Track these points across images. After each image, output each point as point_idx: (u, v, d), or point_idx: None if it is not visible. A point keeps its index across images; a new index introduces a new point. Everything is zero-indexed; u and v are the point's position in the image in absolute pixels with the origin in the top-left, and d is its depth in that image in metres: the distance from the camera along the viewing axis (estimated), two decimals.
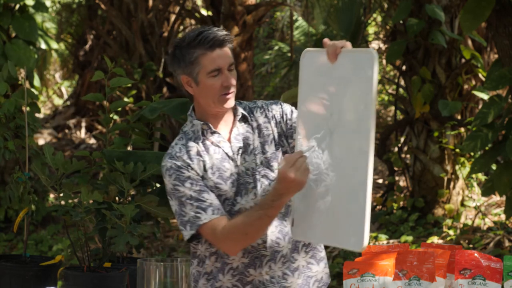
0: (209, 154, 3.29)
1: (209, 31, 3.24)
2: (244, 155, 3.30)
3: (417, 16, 8.80)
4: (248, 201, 3.28)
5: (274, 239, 3.28)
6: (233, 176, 3.28)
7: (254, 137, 3.32)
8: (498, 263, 3.90)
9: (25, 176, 4.61)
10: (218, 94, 3.25)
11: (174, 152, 3.30)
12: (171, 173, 3.28)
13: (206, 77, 3.25)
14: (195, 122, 3.33)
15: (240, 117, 3.33)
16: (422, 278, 3.93)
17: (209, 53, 3.23)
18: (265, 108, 3.36)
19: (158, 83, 11.54)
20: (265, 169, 3.29)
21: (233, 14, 10.61)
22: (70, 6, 14.68)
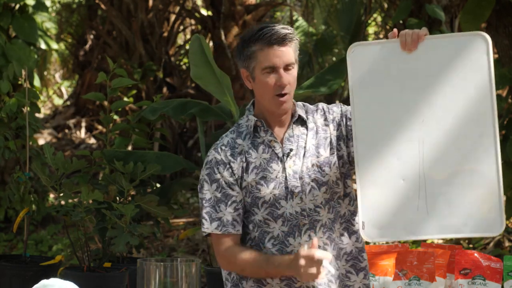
0: (257, 153, 3.21)
1: (272, 27, 3.16)
2: (295, 158, 3.20)
3: (417, 16, 8.79)
4: (293, 205, 3.18)
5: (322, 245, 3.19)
6: (278, 178, 3.19)
7: (309, 140, 3.22)
8: (498, 263, 3.90)
9: (25, 176, 4.61)
10: (272, 94, 3.16)
11: (221, 144, 3.24)
12: (208, 167, 3.24)
13: (261, 73, 3.16)
14: (250, 117, 3.24)
15: (296, 119, 3.23)
16: (422, 278, 3.93)
17: (266, 49, 3.15)
18: (325, 110, 3.26)
19: (158, 83, 11.53)
20: (315, 173, 3.19)
21: (233, 14, 10.60)
22: (70, 6, 14.67)
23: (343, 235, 3.24)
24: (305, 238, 3.16)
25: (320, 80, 4.70)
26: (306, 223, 3.18)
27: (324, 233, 3.19)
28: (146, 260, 3.26)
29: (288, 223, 3.17)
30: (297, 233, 3.17)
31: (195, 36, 4.66)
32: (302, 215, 3.17)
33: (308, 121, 3.24)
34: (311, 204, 3.18)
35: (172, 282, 3.18)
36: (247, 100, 10.59)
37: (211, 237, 3.25)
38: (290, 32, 3.16)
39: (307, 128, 3.23)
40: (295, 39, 3.18)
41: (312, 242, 3.04)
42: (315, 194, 3.18)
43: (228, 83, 4.62)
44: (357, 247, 3.26)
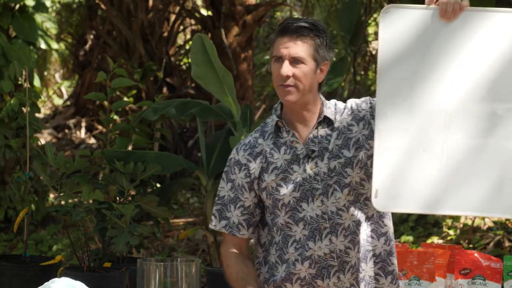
0: (279, 153, 3.17)
1: (293, 19, 3.14)
2: (317, 159, 3.13)
3: None
4: (314, 208, 3.12)
5: (343, 248, 3.15)
6: (298, 180, 3.13)
7: (333, 141, 3.15)
8: (498, 263, 3.90)
9: (25, 176, 4.61)
10: (277, 83, 3.13)
11: (243, 143, 3.22)
12: (227, 165, 3.23)
13: (272, 61, 3.15)
14: (273, 117, 3.20)
15: (322, 119, 3.17)
16: (422, 278, 3.93)
17: (278, 39, 3.12)
18: (354, 109, 3.19)
19: (158, 83, 11.53)
20: (337, 175, 3.12)
21: (233, 14, 10.60)
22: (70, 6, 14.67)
23: (371, 237, 3.18)
24: (326, 242, 3.11)
25: None
26: (327, 226, 3.12)
27: (346, 237, 3.13)
28: (146, 260, 3.26)
29: (308, 226, 3.12)
30: (318, 236, 3.12)
31: (197, 35, 4.67)
32: (323, 218, 3.12)
33: (335, 121, 3.17)
34: (333, 207, 3.11)
35: (172, 282, 3.18)
36: (247, 100, 10.59)
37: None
38: (307, 27, 3.11)
39: (333, 130, 3.16)
40: (314, 36, 3.12)
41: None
42: (338, 197, 3.11)
43: (230, 82, 4.62)
44: (386, 250, 3.20)
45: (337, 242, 3.12)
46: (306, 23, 3.12)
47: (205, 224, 4.74)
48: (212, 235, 4.69)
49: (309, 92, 3.14)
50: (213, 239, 4.68)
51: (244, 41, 10.71)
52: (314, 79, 3.14)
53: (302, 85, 3.11)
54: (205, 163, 4.73)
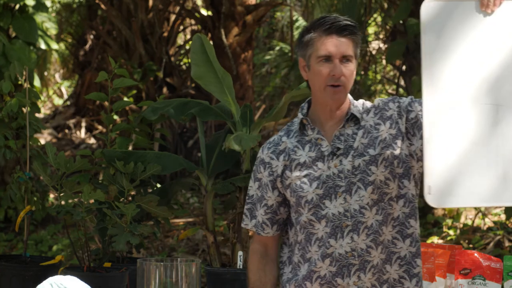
0: (304, 151, 3.14)
1: (335, 17, 3.08)
2: (342, 157, 3.09)
3: (417, 16, 8.77)
4: (337, 206, 3.09)
5: (365, 247, 3.10)
6: (322, 177, 3.10)
7: (359, 139, 3.11)
8: (498, 263, 3.90)
9: (26, 176, 4.61)
10: (325, 83, 3.07)
11: (268, 142, 3.23)
12: (255, 163, 3.25)
13: (316, 61, 3.08)
14: (299, 115, 3.18)
15: (350, 117, 3.14)
16: (422, 278, 3.93)
17: (323, 37, 3.06)
18: (381, 108, 3.14)
19: (158, 83, 11.53)
20: (362, 173, 3.08)
21: (233, 14, 10.60)
22: (70, 6, 14.67)
23: (396, 239, 3.13)
24: (347, 240, 3.08)
25: None
26: (349, 224, 3.08)
27: (368, 236, 3.09)
28: (146, 260, 3.26)
29: (330, 224, 3.09)
30: (339, 234, 3.08)
31: (197, 35, 4.67)
32: (345, 216, 3.08)
33: (362, 120, 3.14)
34: (356, 205, 3.08)
35: (172, 282, 3.19)
36: (247, 100, 10.60)
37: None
38: (352, 25, 3.08)
39: (359, 128, 3.12)
40: (357, 34, 3.09)
41: None
42: (361, 195, 3.07)
43: (229, 82, 4.61)
44: (411, 252, 3.16)
45: (359, 240, 3.08)
46: (348, 21, 3.08)
47: (205, 224, 4.74)
48: (212, 235, 4.69)
49: (348, 90, 3.15)
50: (213, 239, 4.68)
51: (244, 41, 10.72)
52: (354, 76, 3.14)
53: (349, 84, 3.10)
54: (205, 163, 4.73)
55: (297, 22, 13.98)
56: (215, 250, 4.68)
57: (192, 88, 11.70)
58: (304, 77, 3.17)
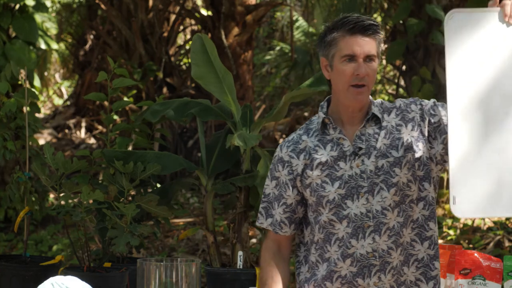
0: (325, 150, 3.12)
1: (358, 16, 3.07)
2: (364, 157, 3.09)
3: (417, 16, 8.80)
4: (359, 206, 3.08)
5: (386, 249, 3.10)
6: (344, 177, 3.10)
7: (381, 140, 3.10)
8: (498, 263, 3.90)
9: (25, 176, 4.61)
10: (348, 83, 3.05)
11: (286, 140, 3.21)
12: (272, 162, 3.23)
13: (339, 61, 3.06)
14: (320, 114, 3.15)
15: (371, 117, 3.13)
16: None
17: (347, 37, 3.04)
18: (403, 109, 3.13)
19: (158, 83, 11.53)
20: (385, 174, 3.07)
21: (233, 14, 10.60)
22: (70, 6, 14.67)
23: (415, 241, 3.13)
24: (369, 241, 3.07)
25: (319, 79, 4.70)
26: (371, 225, 3.07)
27: (390, 237, 3.08)
28: (146, 260, 3.26)
29: (352, 224, 3.08)
30: (361, 235, 3.08)
31: (197, 35, 4.67)
32: (367, 216, 3.07)
33: (383, 120, 3.12)
34: (379, 206, 3.07)
35: (172, 282, 3.19)
36: (247, 100, 10.60)
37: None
38: (375, 24, 3.06)
39: (381, 129, 3.11)
40: (380, 33, 3.08)
41: None
42: (384, 196, 3.07)
43: (230, 81, 4.61)
44: (429, 254, 3.14)
45: (380, 241, 3.08)
46: (371, 20, 3.07)
47: (205, 224, 4.74)
48: (212, 235, 4.69)
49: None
50: (213, 239, 4.68)
51: (244, 41, 10.72)
52: (376, 76, 3.13)
53: (371, 84, 3.09)
54: (205, 163, 4.73)
55: (297, 22, 13.98)
56: (215, 250, 4.68)
57: (192, 88, 11.70)
58: (327, 77, 3.15)
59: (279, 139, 11.77)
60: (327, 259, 3.13)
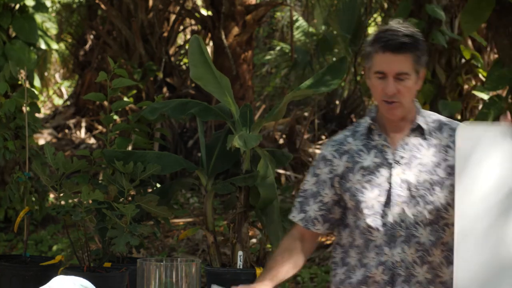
0: (369, 156, 3.15)
1: (392, 32, 3.08)
2: (405, 167, 3.11)
3: (417, 16, 8.80)
4: (394, 215, 3.10)
5: (411, 261, 3.12)
6: (384, 185, 3.11)
7: (427, 154, 3.12)
8: None
9: (25, 176, 4.61)
10: (380, 98, 3.09)
11: (332, 139, 3.24)
12: (316, 159, 3.25)
13: (373, 76, 3.10)
14: (367, 119, 3.19)
15: (415, 127, 3.14)
16: None
17: (380, 54, 3.07)
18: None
19: (158, 83, 11.54)
20: (425, 190, 3.09)
21: (233, 14, 10.60)
22: (70, 6, 14.68)
23: (442, 264, 3.14)
24: (398, 250, 3.10)
25: (319, 80, 4.69)
26: (403, 235, 3.10)
27: (417, 251, 3.10)
28: (146, 260, 3.26)
29: (387, 232, 3.11)
30: (392, 243, 3.11)
31: (194, 36, 4.67)
32: (400, 226, 3.10)
33: (429, 134, 3.13)
34: (412, 219, 3.09)
35: (172, 282, 3.18)
36: (247, 100, 10.60)
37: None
38: (410, 42, 3.06)
39: (428, 142, 3.12)
40: (417, 48, 3.08)
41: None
42: (419, 211, 3.09)
43: (227, 84, 4.62)
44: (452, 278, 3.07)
45: (408, 253, 3.10)
46: (406, 38, 3.07)
47: (205, 224, 4.73)
48: (212, 235, 4.69)
49: (410, 103, 3.14)
50: (213, 239, 4.68)
51: (244, 41, 10.72)
52: (415, 90, 3.13)
53: (406, 100, 3.09)
54: (205, 163, 4.73)
55: (297, 22, 13.98)
56: (215, 250, 4.68)
57: (192, 88, 11.70)
58: (368, 85, 3.19)
59: (279, 139, 11.78)
60: (365, 265, 3.16)
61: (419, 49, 3.10)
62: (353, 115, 12.93)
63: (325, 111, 13.06)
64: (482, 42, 9.50)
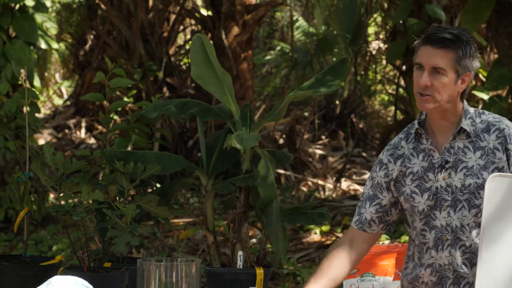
0: (418, 160, 3.20)
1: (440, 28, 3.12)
2: (451, 170, 3.14)
3: (417, 16, 8.79)
4: (440, 218, 3.16)
5: (460, 264, 3.16)
6: (432, 189, 3.16)
7: (473, 157, 3.14)
8: None
9: (25, 176, 4.60)
10: (416, 90, 3.13)
11: (390, 143, 3.29)
12: (375, 163, 3.30)
13: (415, 67, 3.15)
14: (415, 122, 3.23)
15: (461, 130, 3.16)
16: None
17: (422, 46, 3.12)
18: (506, 135, 3.14)
19: (158, 83, 11.53)
20: (470, 194, 3.12)
21: (233, 14, 10.60)
22: (70, 6, 14.67)
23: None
24: (446, 254, 3.16)
25: (320, 80, 4.70)
26: (449, 238, 3.15)
27: (464, 253, 3.14)
28: (146, 260, 3.26)
29: (436, 235, 3.17)
30: (440, 246, 3.16)
31: (197, 35, 4.66)
32: (446, 230, 3.15)
33: (475, 136, 3.15)
34: (458, 222, 3.13)
35: (172, 282, 3.18)
36: (247, 100, 10.59)
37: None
38: (452, 38, 3.09)
39: (475, 144, 3.14)
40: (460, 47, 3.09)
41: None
42: (464, 214, 3.13)
43: (229, 82, 4.61)
44: None
45: (456, 255, 3.14)
46: (450, 34, 3.10)
47: (205, 224, 4.73)
48: (212, 235, 4.69)
49: (448, 102, 3.13)
50: (213, 239, 4.68)
51: (244, 41, 10.71)
52: (454, 90, 3.12)
53: (439, 96, 3.10)
54: (205, 163, 4.73)
55: (297, 22, 13.97)
56: (215, 250, 4.68)
57: (192, 88, 11.70)
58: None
59: (279, 139, 11.78)
60: (421, 265, 3.22)
61: (462, 49, 3.11)
62: (353, 115, 12.93)
63: (325, 111, 13.06)
64: (482, 42, 9.49)
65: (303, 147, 11.55)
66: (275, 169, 4.66)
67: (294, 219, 4.64)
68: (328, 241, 8.58)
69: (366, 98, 13.60)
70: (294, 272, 7.96)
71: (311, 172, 11.12)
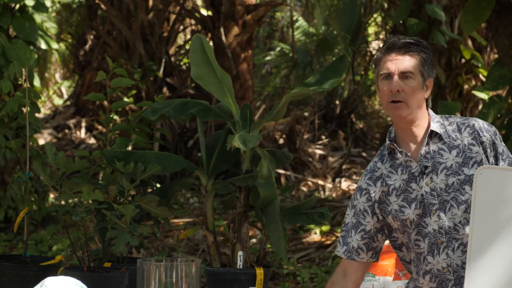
0: (397, 175, 3.22)
1: (398, 37, 3.17)
2: (432, 174, 3.17)
3: (417, 16, 8.80)
4: (431, 223, 3.17)
5: (460, 264, 3.17)
6: (418, 197, 3.18)
7: (449, 156, 3.17)
8: None
9: (25, 176, 4.61)
10: (387, 101, 3.15)
11: (366, 169, 3.30)
12: (354, 192, 3.31)
13: (380, 79, 3.18)
14: (387, 141, 3.26)
15: (432, 134, 3.19)
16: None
17: (385, 56, 3.17)
18: (476, 129, 3.19)
19: (158, 83, 11.53)
20: (455, 192, 3.15)
21: (233, 14, 10.60)
22: (70, 6, 14.67)
23: None
24: (443, 257, 3.16)
25: (319, 78, 4.70)
26: (444, 241, 3.16)
27: (464, 252, 3.16)
28: (146, 260, 3.26)
29: (429, 241, 3.18)
30: (436, 251, 3.17)
31: (196, 35, 4.66)
32: (439, 233, 3.16)
33: (448, 137, 3.18)
34: (451, 223, 3.15)
35: (172, 282, 3.19)
36: (247, 100, 10.60)
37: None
38: (414, 42, 3.14)
39: (448, 145, 3.17)
40: (423, 51, 3.15)
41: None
42: (454, 213, 3.14)
43: (229, 83, 4.62)
44: None
45: (454, 256, 3.16)
46: (411, 39, 3.15)
47: (205, 224, 4.74)
48: (212, 235, 4.69)
49: (418, 107, 3.17)
50: (213, 239, 4.68)
51: (244, 41, 10.71)
52: (422, 95, 3.17)
53: (411, 100, 3.14)
54: (205, 163, 4.73)
55: (297, 22, 13.97)
56: (215, 250, 4.68)
57: (192, 88, 11.70)
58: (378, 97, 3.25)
59: (279, 139, 11.78)
60: (419, 275, 3.23)
61: (425, 53, 3.16)
62: (353, 115, 12.93)
63: (325, 111, 13.06)
64: (482, 42, 9.50)
65: (303, 147, 11.55)
66: (275, 169, 4.66)
67: (294, 219, 4.64)
68: (328, 241, 8.58)
69: (366, 98, 13.60)
70: (294, 272, 7.97)
71: (311, 172, 11.12)
